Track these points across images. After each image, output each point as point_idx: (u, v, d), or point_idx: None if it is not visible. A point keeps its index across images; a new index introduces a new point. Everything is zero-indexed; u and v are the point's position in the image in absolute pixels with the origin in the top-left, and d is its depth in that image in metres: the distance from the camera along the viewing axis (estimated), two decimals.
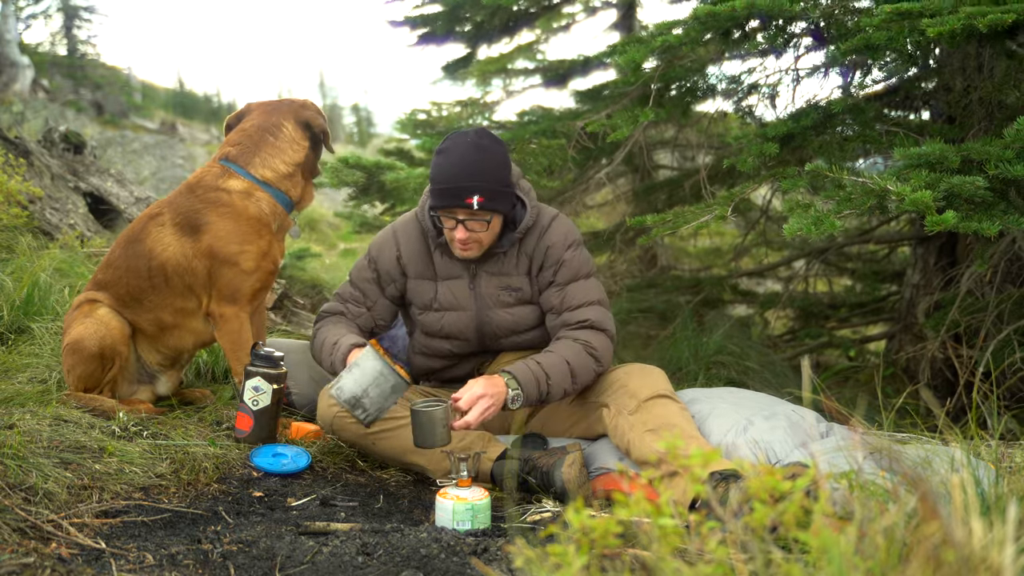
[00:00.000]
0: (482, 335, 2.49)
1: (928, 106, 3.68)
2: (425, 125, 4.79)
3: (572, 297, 2.41)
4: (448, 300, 2.47)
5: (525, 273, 2.47)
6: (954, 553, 0.92)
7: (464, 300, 2.47)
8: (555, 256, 2.43)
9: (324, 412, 2.38)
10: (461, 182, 2.27)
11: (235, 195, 2.53)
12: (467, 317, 2.47)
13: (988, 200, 2.30)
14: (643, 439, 2.15)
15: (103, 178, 4.95)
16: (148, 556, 1.62)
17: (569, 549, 1.03)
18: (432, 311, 2.49)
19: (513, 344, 2.51)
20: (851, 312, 5.04)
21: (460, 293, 2.46)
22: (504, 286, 2.45)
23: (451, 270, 2.47)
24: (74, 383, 2.48)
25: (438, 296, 2.47)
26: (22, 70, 14.17)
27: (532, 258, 2.45)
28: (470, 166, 2.28)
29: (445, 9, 4.56)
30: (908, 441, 2.22)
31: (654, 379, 2.30)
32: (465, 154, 2.29)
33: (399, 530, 1.79)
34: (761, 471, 1.07)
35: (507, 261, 2.46)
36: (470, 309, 2.47)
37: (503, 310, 2.46)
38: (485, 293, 2.46)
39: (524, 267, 2.46)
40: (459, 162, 2.29)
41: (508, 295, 2.46)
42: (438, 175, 2.32)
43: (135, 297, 2.56)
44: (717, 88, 3.62)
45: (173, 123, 16.59)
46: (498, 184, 2.31)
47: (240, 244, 2.51)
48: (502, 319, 2.46)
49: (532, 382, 2.23)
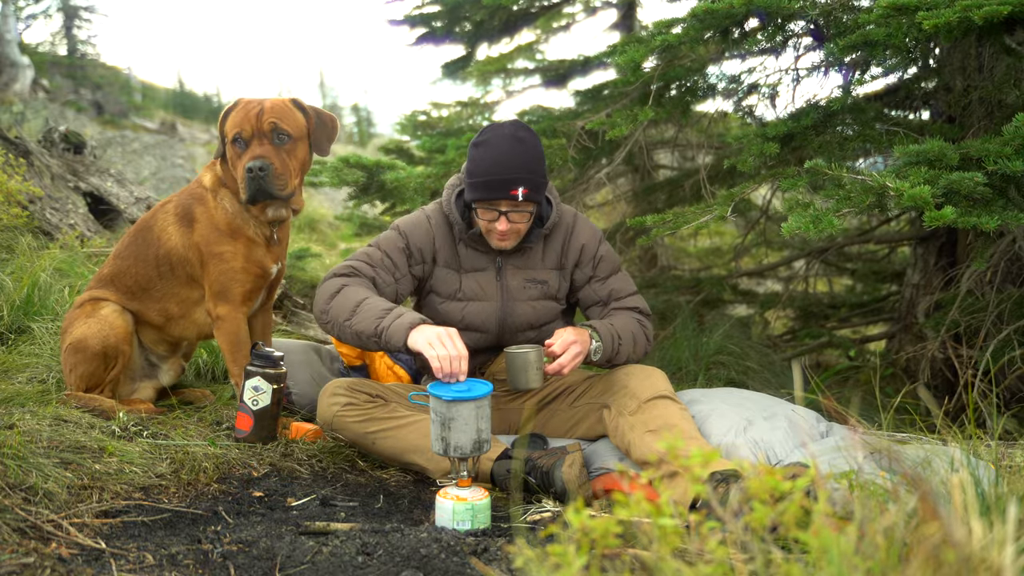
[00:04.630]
0: (503, 328, 2.51)
1: (928, 106, 3.68)
2: (425, 126, 4.79)
3: (618, 289, 2.54)
4: (473, 291, 2.49)
5: (553, 268, 2.53)
6: (954, 553, 0.92)
7: (490, 291, 2.49)
8: (590, 252, 2.54)
9: (324, 411, 2.39)
10: (505, 174, 2.29)
11: (208, 191, 2.55)
12: (491, 308, 2.49)
13: (987, 196, 2.30)
14: (643, 439, 2.15)
15: (103, 178, 4.95)
16: (148, 556, 1.62)
17: (569, 549, 1.03)
18: (455, 301, 2.49)
19: (527, 339, 2.54)
20: (851, 312, 5.04)
21: (486, 284, 2.49)
22: (530, 279, 2.50)
23: (476, 262, 2.50)
24: (75, 383, 2.48)
25: (463, 286, 2.49)
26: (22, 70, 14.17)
27: (563, 255, 2.54)
28: (514, 158, 2.30)
29: (445, 8, 4.56)
30: (908, 441, 2.22)
31: (655, 380, 2.31)
32: (507, 146, 2.30)
33: (399, 530, 1.79)
34: (761, 471, 1.07)
35: (532, 255, 2.51)
36: (495, 300, 2.49)
37: (527, 303, 2.50)
38: (511, 285, 2.49)
39: (552, 262, 2.53)
40: (502, 154, 2.30)
41: (534, 288, 2.50)
42: (480, 168, 2.32)
43: (143, 287, 2.57)
44: (717, 88, 3.62)
45: (173, 123, 16.57)
46: (539, 175, 2.34)
47: (218, 244, 2.51)
48: (525, 311, 2.50)
49: (609, 339, 2.35)
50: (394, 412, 2.35)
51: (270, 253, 2.59)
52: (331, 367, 3.09)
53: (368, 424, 2.33)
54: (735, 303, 5.37)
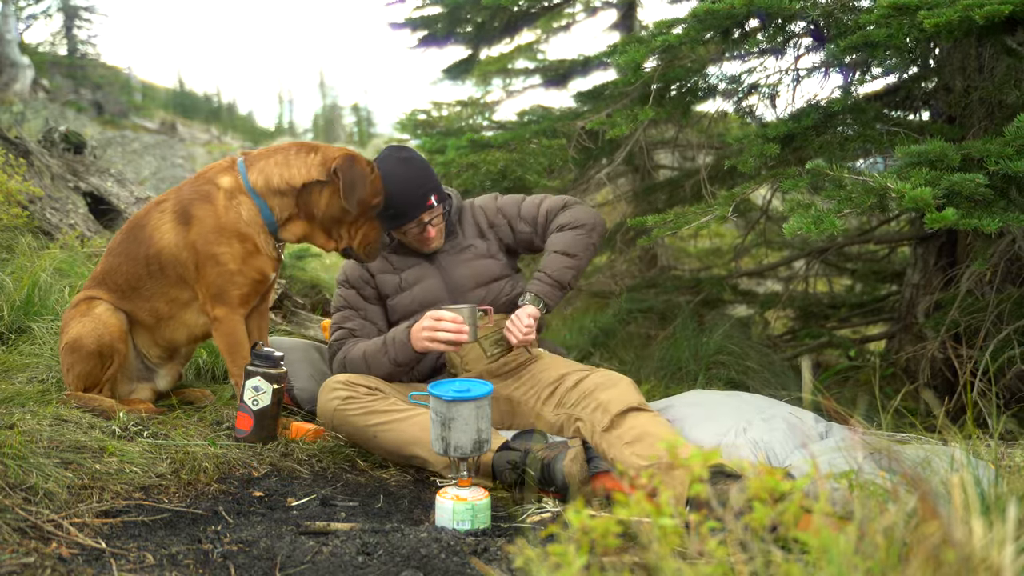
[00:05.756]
0: (453, 293, 2.68)
1: (928, 106, 3.68)
2: (425, 125, 4.79)
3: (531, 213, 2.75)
4: (415, 276, 2.70)
5: (475, 236, 2.77)
6: (954, 553, 0.92)
7: (428, 272, 2.70)
8: (492, 208, 2.80)
9: (324, 406, 2.39)
10: (415, 191, 2.57)
11: (221, 192, 2.52)
12: (435, 283, 2.68)
13: (988, 197, 2.30)
14: (623, 453, 2.12)
15: (103, 178, 4.95)
16: (148, 556, 1.62)
17: (569, 549, 1.03)
18: (401, 292, 2.70)
19: (480, 298, 2.67)
20: (851, 312, 5.04)
21: (423, 269, 2.71)
22: (458, 249, 2.73)
23: (406, 260, 2.74)
24: (73, 382, 2.48)
25: (403, 279, 2.71)
26: (22, 70, 14.18)
27: (477, 225, 2.78)
28: (412, 176, 2.59)
29: (446, 10, 4.56)
30: (908, 441, 2.22)
31: (622, 391, 2.27)
32: (402, 170, 2.58)
33: (399, 530, 1.79)
34: (761, 471, 1.07)
35: (456, 240, 2.76)
36: (435, 277, 2.70)
37: (464, 266, 2.71)
38: (443, 261, 2.72)
39: (472, 233, 2.77)
40: (402, 179, 2.57)
41: (466, 254, 2.72)
42: (390, 198, 2.55)
43: (133, 286, 2.55)
44: (717, 88, 3.62)
45: (173, 123, 16.58)
46: (436, 180, 2.67)
47: (217, 244, 2.49)
48: (465, 273, 2.70)
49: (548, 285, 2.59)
50: (394, 405, 2.36)
51: (271, 262, 2.60)
52: (331, 366, 3.09)
53: (369, 417, 2.34)
54: (735, 303, 5.37)
